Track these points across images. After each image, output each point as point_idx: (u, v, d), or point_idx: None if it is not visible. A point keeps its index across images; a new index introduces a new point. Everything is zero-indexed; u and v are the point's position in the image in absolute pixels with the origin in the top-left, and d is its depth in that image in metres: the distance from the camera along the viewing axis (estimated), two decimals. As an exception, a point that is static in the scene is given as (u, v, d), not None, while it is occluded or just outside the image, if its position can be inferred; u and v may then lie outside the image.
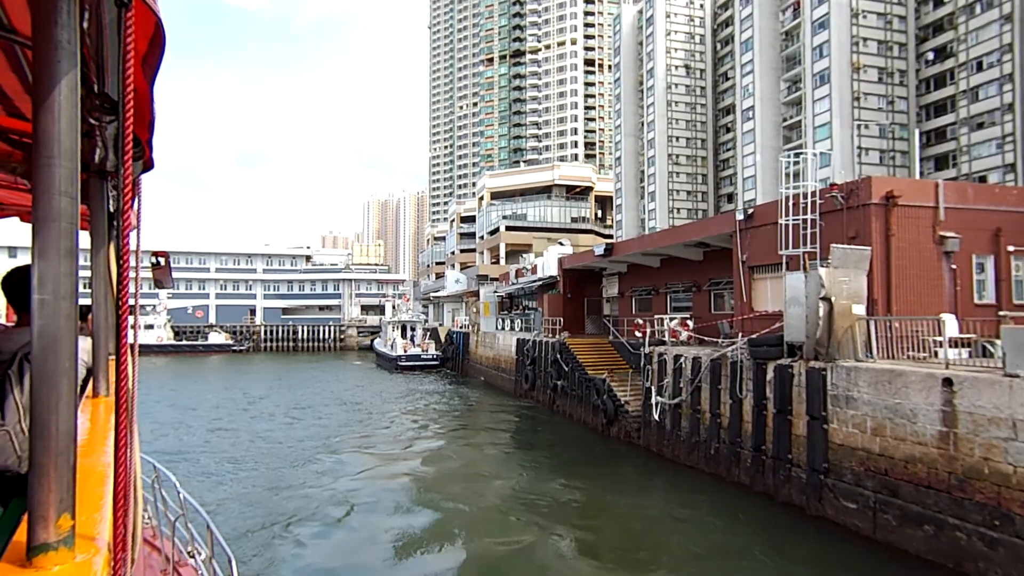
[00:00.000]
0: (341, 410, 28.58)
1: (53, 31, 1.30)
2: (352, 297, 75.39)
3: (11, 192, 3.55)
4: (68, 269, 1.30)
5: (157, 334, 63.86)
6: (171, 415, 27.25)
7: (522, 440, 22.91)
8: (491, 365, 37.62)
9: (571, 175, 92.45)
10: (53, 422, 1.28)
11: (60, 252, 1.29)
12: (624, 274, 27.44)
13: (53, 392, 1.28)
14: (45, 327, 1.27)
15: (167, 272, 4.07)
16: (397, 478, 17.24)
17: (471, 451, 20.93)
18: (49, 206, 1.28)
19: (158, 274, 4.05)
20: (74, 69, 1.31)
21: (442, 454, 20.25)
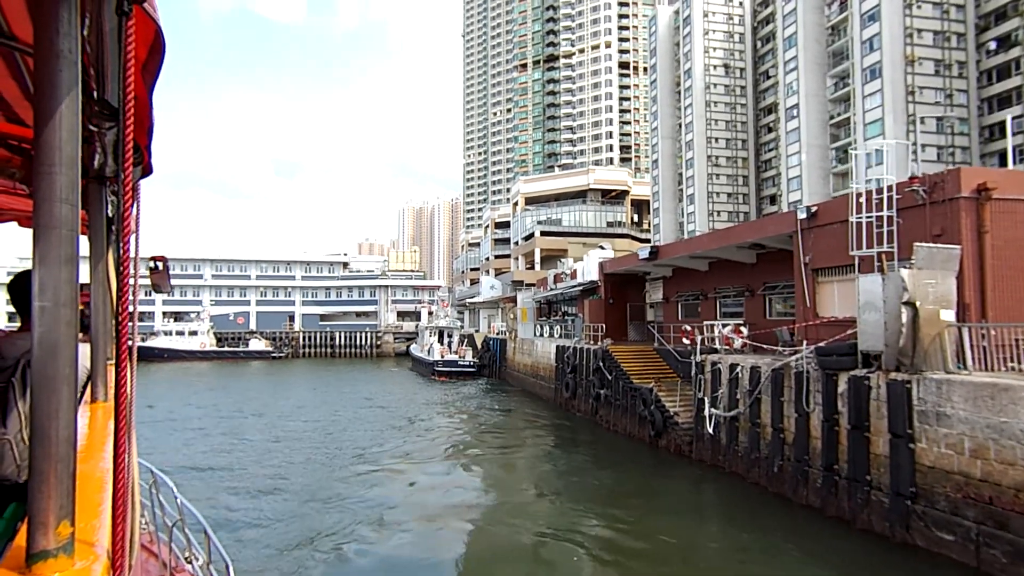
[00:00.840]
0: (379, 417, 28.17)
1: (54, 39, 1.31)
2: (388, 303, 75.66)
3: (10, 197, 3.52)
4: (68, 276, 1.31)
5: (200, 340, 65.18)
6: (212, 421, 27.29)
7: (564, 452, 22.00)
8: (529, 372, 36.80)
9: (606, 179, 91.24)
10: (53, 428, 1.29)
11: (60, 259, 1.30)
12: (669, 278, 26.32)
13: (53, 398, 1.30)
14: (45, 334, 1.29)
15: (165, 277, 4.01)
16: (434, 492, 16.57)
17: (510, 463, 20.14)
18: (50, 213, 1.29)
19: (156, 279, 4.00)
20: (75, 77, 1.33)
21: (480, 466, 19.51)
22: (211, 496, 15.74)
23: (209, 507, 14.62)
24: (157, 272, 3.96)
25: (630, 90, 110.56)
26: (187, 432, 24.86)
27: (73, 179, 1.31)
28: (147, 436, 23.92)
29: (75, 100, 1.32)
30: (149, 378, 48.92)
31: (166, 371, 54.49)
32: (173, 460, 19.74)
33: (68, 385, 1.31)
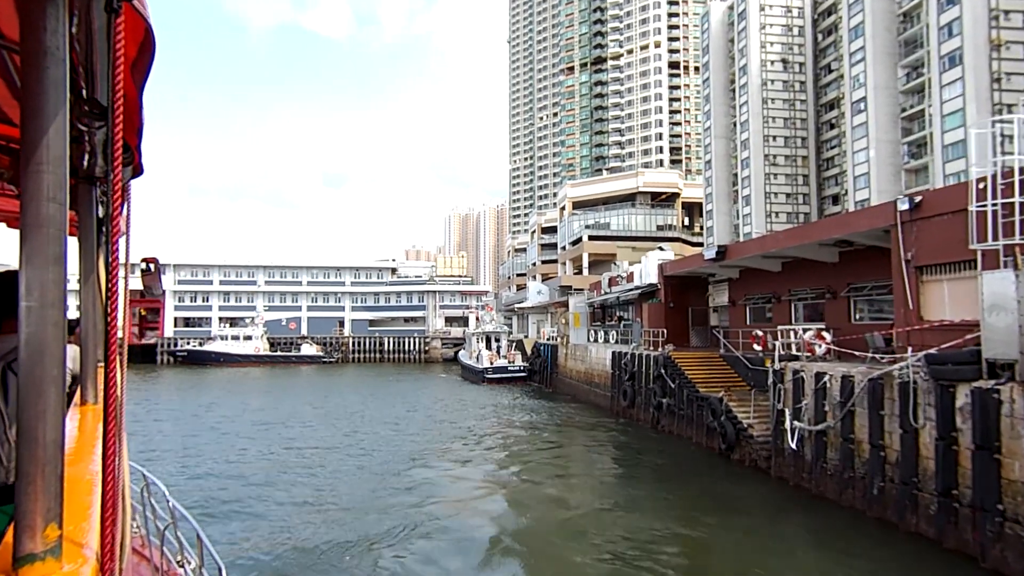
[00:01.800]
0: (433, 425, 27.50)
1: (42, 37, 1.31)
2: (436, 309, 75.64)
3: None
4: (56, 276, 1.31)
5: (254, 345, 66.59)
6: (266, 428, 27.22)
7: (625, 464, 20.69)
8: (582, 379, 35.52)
9: (656, 182, 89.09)
10: (41, 431, 1.28)
11: (48, 259, 1.29)
12: (736, 280, 24.67)
13: (40, 401, 1.29)
14: (32, 335, 1.28)
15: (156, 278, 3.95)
16: (486, 504, 15.62)
17: (569, 474, 18.99)
18: (37, 212, 1.29)
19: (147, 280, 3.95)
20: (63, 75, 1.33)
21: (538, 477, 18.44)
22: (245, 507, 15.26)
23: (250, 514, 14.13)
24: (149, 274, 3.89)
25: (680, 90, 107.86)
26: (238, 437, 24.79)
27: (61, 178, 1.30)
28: (205, 440, 23.97)
29: (63, 98, 1.31)
30: (206, 381, 50.05)
31: (221, 375, 55.75)
32: (220, 470, 19.50)
33: (56, 387, 1.30)
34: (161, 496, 4.81)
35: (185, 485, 17.07)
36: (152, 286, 4.15)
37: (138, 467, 5.29)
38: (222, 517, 14.29)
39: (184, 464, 19.84)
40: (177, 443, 23.44)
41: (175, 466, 19.50)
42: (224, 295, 75.11)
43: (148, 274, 4.02)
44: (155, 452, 21.61)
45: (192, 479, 17.85)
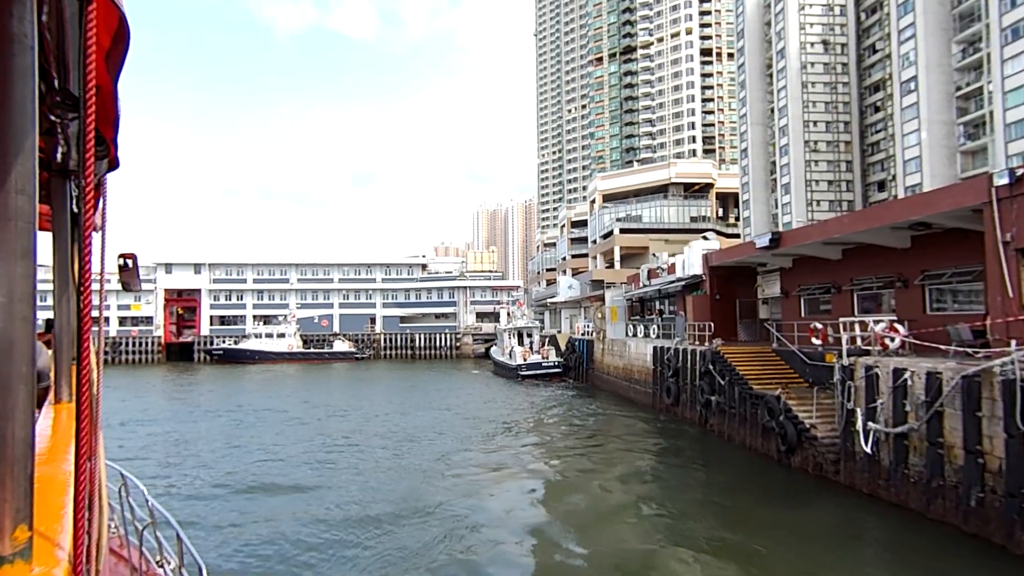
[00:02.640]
0: (469, 423, 26.63)
1: (9, 23, 1.28)
2: (467, 304, 74.97)
3: None
4: (25, 270, 1.28)
5: (288, 342, 66.94)
6: (300, 426, 26.73)
7: (671, 465, 19.43)
8: (621, 375, 34.24)
9: (689, 172, 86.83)
10: (9, 430, 1.26)
11: (16, 253, 1.27)
12: (789, 270, 23.09)
13: (9, 399, 1.27)
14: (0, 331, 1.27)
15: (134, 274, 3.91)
16: (525, 510, 14.63)
17: (609, 477, 17.81)
18: (5, 205, 1.27)
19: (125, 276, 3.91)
20: (30, 63, 1.31)
21: (576, 480, 17.33)
22: (276, 521, 14.52)
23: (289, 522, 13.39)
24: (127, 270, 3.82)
25: (713, 78, 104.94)
26: (275, 435, 24.30)
27: (29, 169, 1.27)
28: (252, 435, 23.55)
29: (30, 87, 1.28)
30: (242, 379, 50.28)
31: (257, 373, 56.03)
32: (245, 473, 18.92)
33: (25, 384, 1.27)
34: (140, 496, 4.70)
35: (216, 493, 16.51)
36: (130, 282, 3.99)
37: (116, 466, 5.14)
38: (248, 522, 13.61)
39: (221, 461, 19.38)
40: (212, 442, 23.06)
41: (207, 467, 19.04)
42: (258, 293, 75.78)
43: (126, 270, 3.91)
44: (192, 448, 21.26)
45: (233, 476, 17.32)
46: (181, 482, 17.42)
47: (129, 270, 3.98)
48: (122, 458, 20.24)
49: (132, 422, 28.25)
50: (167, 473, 18.48)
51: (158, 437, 24.47)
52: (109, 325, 72.41)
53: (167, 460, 20.36)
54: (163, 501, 14.82)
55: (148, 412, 31.68)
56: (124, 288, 4.30)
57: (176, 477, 17.99)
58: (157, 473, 18.39)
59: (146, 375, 55.83)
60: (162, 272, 74.07)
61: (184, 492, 16.33)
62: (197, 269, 74.71)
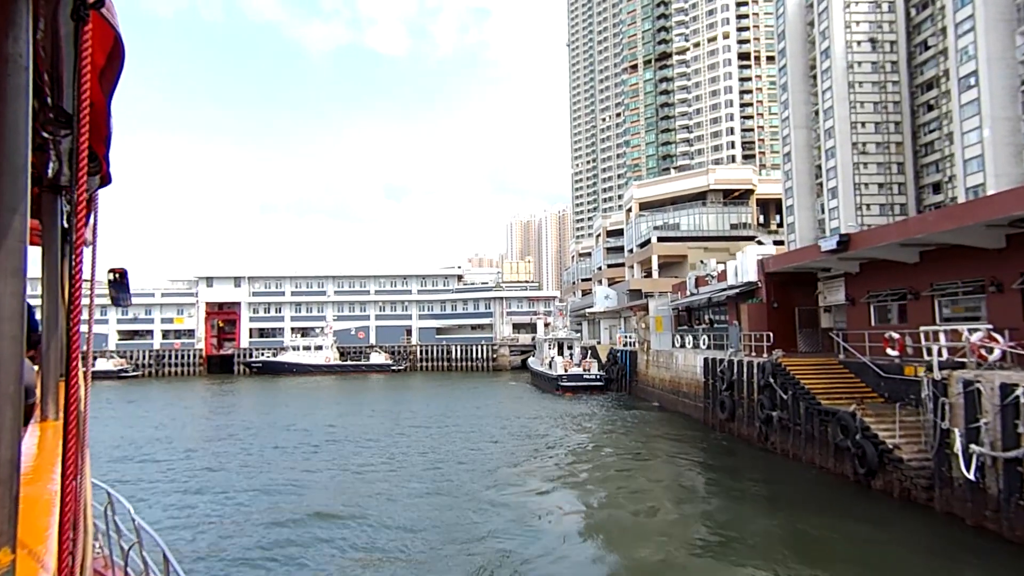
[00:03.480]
0: (509, 438, 25.58)
1: (4, 44, 1.31)
2: (503, 315, 74.09)
3: None
4: (15, 289, 1.28)
5: (325, 354, 67.16)
6: (340, 443, 26.12)
7: (727, 487, 17.92)
8: (668, 388, 32.72)
9: (728, 178, 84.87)
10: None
11: (6, 272, 1.27)
12: (856, 275, 21.42)
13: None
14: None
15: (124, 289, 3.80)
16: (577, 539, 13.45)
17: (661, 498, 16.48)
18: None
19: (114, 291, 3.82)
20: (25, 82, 1.33)
21: (627, 501, 16.08)
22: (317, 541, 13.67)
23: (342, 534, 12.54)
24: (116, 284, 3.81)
25: (751, 82, 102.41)
26: (312, 450, 23.70)
27: (22, 187, 1.28)
28: (280, 451, 23.01)
29: (25, 105, 1.30)
30: (280, 391, 50.36)
31: (295, 385, 56.14)
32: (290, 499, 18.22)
33: (12, 404, 1.27)
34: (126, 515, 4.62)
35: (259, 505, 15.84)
36: (120, 298, 3.91)
37: (102, 485, 5.07)
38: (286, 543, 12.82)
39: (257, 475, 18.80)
40: (246, 459, 22.58)
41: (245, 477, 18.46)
42: (295, 306, 76.48)
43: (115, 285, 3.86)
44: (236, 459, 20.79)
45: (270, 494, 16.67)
46: (203, 505, 16.83)
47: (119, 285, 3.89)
48: (151, 478, 19.87)
49: (163, 439, 28.12)
50: (191, 492, 17.95)
51: (190, 453, 24.15)
52: (154, 338, 74.06)
53: (192, 481, 19.88)
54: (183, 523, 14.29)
55: (181, 427, 31.61)
56: (114, 303, 4.13)
57: (198, 500, 17.42)
58: (172, 491, 17.88)
59: (187, 387, 56.53)
60: (203, 285, 75.49)
61: (204, 516, 15.70)
62: (237, 282, 75.90)
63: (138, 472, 20.56)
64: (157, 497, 17.19)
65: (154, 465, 21.57)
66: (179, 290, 76.83)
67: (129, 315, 74.62)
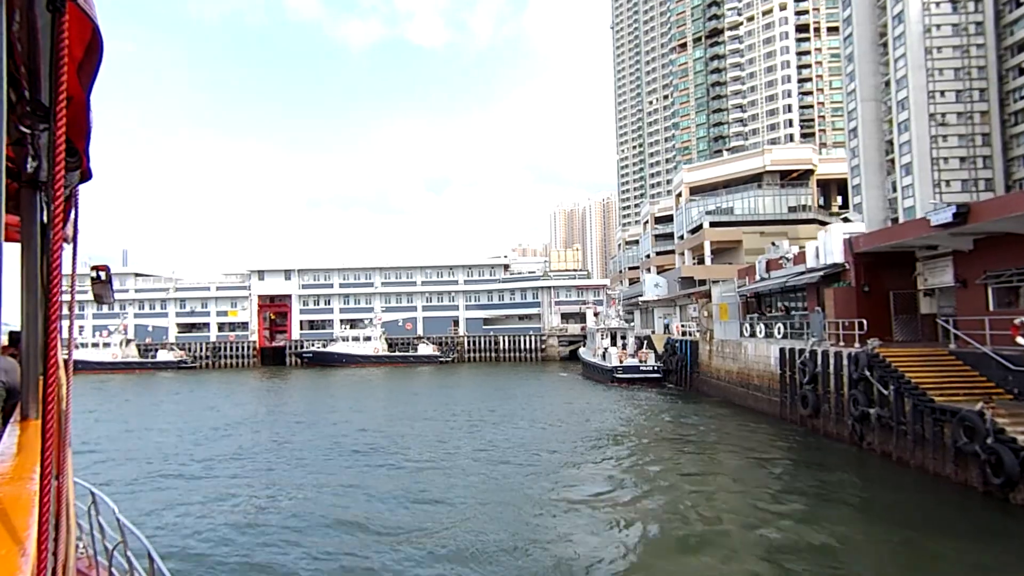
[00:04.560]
0: (563, 433, 23.94)
1: None
2: (552, 305, 72.30)
3: None
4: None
5: (374, 345, 67.06)
6: (389, 438, 25.06)
7: (820, 494, 15.70)
8: (735, 380, 30.37)
9: (785, 158, 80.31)
10: None
11: None
12: (967, 253, 18.68)
13: None
14: None
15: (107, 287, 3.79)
16: (651, 555, 11.64)
17: (752, 505, 14.46)
18: None
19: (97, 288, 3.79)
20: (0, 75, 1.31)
21: (709, 510, 14.15)
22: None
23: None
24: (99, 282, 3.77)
25: (811, 56, 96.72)
26: (364, 447, 22.67)
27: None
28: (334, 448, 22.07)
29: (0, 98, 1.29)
30: (330, 383, 50.19)
31: (345, 376, 56.02)
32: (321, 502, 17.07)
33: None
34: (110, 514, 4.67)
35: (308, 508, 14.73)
36: (103, 295, 3.78)
37: (86, 484, 5.08)
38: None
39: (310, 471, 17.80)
40: (294, 453, 21.70)
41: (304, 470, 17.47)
42: (344, 297, 76.75)
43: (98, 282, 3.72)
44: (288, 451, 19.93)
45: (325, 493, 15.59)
46: (233, 502, 15.82)
47: (101, 282, 3.80)
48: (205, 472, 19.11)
49: (221, 428, 27.72)
50: (226, 494, 17.03)
51: (238, 450, 23.50)
52: (210, 330, 75.71)
53: (235, 481, 19.03)
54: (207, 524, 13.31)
55: (241, 418, 31.30)
56: (96, 300, 3.97)
57: (228, 500, 16.44)
58: (211, 487, 16.97)
59: (242, 378, 57.23)
60: (255, 279, 76.62)
61: (229, 515, 14.65)
62: (287, 275, 76.69)
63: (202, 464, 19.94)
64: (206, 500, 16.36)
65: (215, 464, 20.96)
66: (233, 283, 78.25)
67: (187, 308, 76.55)
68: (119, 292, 76.88)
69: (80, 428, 28.31)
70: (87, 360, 67.72)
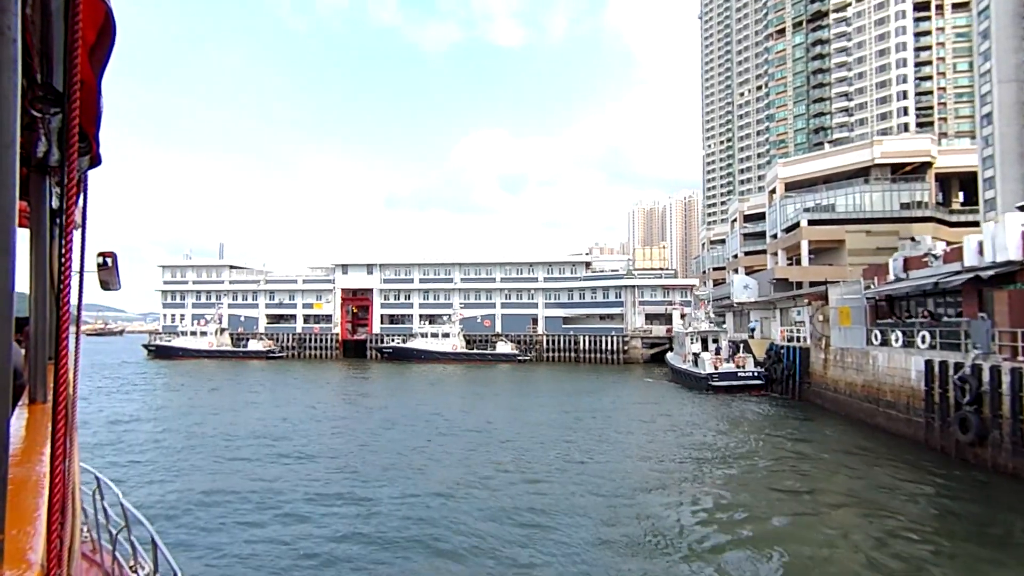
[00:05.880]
0: (661, 446, 21.46)
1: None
2: (635, 305, 68.95)
3: None
4: (3, 269, 1.27)
5: (452, 342, 66.51)
6: (467, 443, 23.55)
7: (1001, 548, 12.44)
8: (860, 395, 26.62)
9: (898, 150, 72.87)
10: None
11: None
12: None
13: None
14: None
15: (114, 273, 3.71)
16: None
17: (896, 561, 11.50)
18: None
19: (104, 275, 3.71)
20: (12, 57, 1.30)
21: (843, 553, 11.32)
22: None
23: None
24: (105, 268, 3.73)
25: (931, 36, 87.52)
26: (443, 450, 21.22)
27: (9, 165, 1.26)
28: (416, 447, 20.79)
29: (13, 79, 1.28)
30: (409, 378, 49.78)
31: (422, 372, 55.60)
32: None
33: (1, 388, 1.28)
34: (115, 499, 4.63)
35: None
36: (109, 281, 3.66)
37: (89, 468, 5.05)
38: None
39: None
40: (370, 457, 20.53)
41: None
42: (423, 293, 76.91)
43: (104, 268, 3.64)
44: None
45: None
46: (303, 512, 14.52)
47: (108, 268, 3.67)
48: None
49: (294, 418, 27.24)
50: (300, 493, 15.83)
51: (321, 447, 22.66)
52: (296, 322, 78.07)
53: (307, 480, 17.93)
54: None
55: (319, 411, 30.89)
56: (103, 287, 3.77)
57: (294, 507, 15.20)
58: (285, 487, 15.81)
59: (327, 370, 58.13)
60: (339, 272, 78.24)
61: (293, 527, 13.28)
62: (369, 269, 77.79)
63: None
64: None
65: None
66: (318, 277, 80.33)
67: (275, 300, 79.37)
68: (215, 284, 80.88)
69: (207, 409, 28.74)
70: (186, 347, 71.55)
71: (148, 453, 21.10)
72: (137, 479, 17.45)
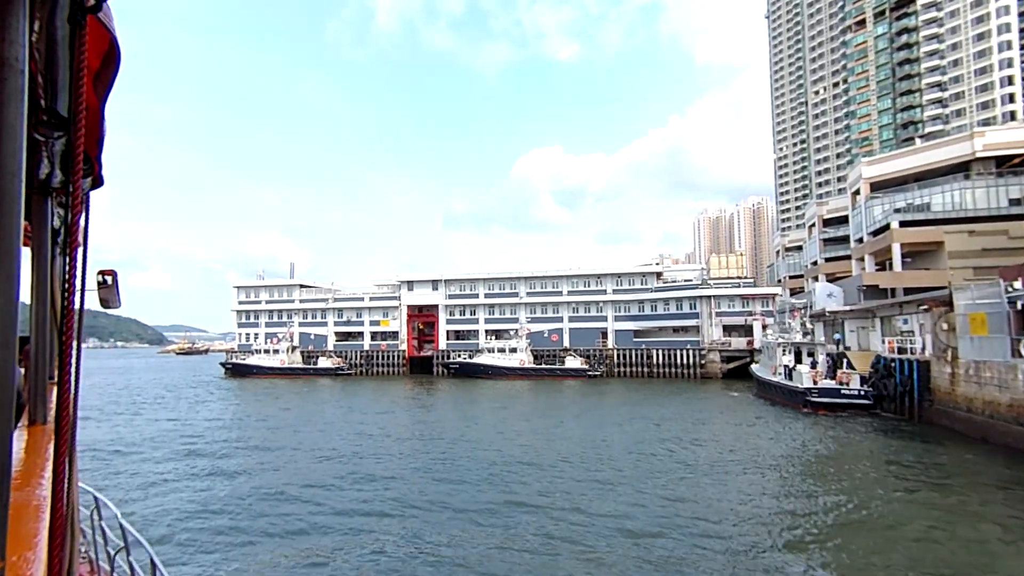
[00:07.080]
0: (763, 480, 18.62)
1: (1, 48, 1.31)
2: (711, 316, 64.93)
3: None
4: (6, 292, 1.27)
5: (519, 357, 64.69)
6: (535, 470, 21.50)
7: None
8: (1003, 415, 22.71)
9: (1004, 141, 65.83)
10: None
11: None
12: None
13: None
14: None
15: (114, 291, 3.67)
16: None
17: None
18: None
19: (104, 293, 3.67)
20: (20, 86, 1.33)
21: None
22: None
23: None
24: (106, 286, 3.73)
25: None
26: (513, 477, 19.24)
27: (16, 190, 1.27)
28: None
29: (20, 108, 1.31)
30: (477, 396, 48.24)
31: (490, 388, 53.94)
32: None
33: (3, 409, 1.26)
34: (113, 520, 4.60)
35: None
36: (109, 299, 3.63)
37: (88, 488, 5.02)
38: None
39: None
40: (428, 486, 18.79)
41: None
42: (489, 308, 75.63)
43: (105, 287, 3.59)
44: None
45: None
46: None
47: (108, 286, 3.62)
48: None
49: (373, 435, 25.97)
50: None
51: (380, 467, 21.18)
52: (364, 339, 78.53)
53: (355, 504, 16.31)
54: None
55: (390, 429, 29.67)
56: (103, 305, 3.75)
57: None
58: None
59: (395, 387, 57.55)
60: (405, 289, 78.25)
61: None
62: (434, 285, 77.38)
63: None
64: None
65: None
66: (384, 294, 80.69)
67: (344, 318, 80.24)
68: (286, 303, 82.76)
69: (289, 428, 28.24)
70: (260, 365, 73.15)
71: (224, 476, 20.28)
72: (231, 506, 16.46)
